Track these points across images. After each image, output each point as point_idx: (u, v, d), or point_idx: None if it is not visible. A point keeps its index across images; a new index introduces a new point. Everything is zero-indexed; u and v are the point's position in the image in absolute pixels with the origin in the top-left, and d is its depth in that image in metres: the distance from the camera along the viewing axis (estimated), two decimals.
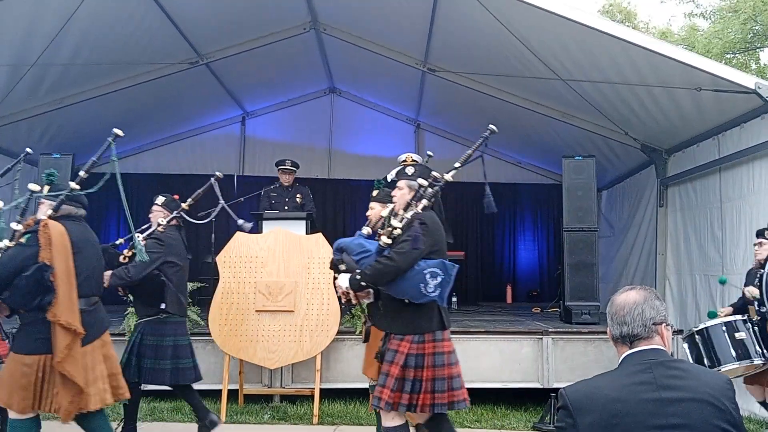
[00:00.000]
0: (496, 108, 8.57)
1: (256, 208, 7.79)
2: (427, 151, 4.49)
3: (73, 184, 3.94)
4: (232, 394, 6.10)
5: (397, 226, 3.68)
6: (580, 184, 7.27)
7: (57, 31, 6.19)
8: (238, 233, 6.24)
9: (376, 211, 4.39)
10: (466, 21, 6.72)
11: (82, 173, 4.03)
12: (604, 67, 6.42)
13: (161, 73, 8.04)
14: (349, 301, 3.90)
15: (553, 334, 6.45)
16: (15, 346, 3.79)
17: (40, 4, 6.00)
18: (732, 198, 6.29)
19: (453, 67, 7.97)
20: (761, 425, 5.37)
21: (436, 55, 7.89)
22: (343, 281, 3.73)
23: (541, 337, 6.44)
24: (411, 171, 3.97)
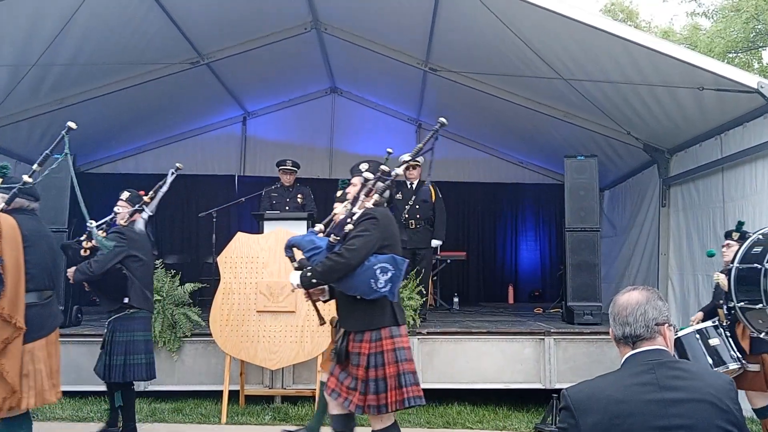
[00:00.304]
0: (498, 108, 8.56)
1: (257, 209, 7.78)
2: (387, 149, 4.43)
3: (26, 177, 3.91)
4: (233, 395, 6.10)
5: (345, 222, 3.69)
6: (583, 183, 7.25)
7: (58, 32, 6.18)
8: (239, 234, 6.23)
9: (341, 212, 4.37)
10: (467, 20, 6.70)
11: (35, 167, 4.02)
12: (606, 67, 6.40)
13: (162, 73, 8.03)
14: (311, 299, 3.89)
15: (555, 334, 6.44)
16: None
17: (41, 4, 5.99)
18: (734, 198, 6.27)
19: (454, 66, 7.95)
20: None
21: (437, 55, 7.88)
22: (294, 279, 3.73)
23: (543, 338, 6.42)
24: (365, 167, 3.94)
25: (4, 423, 3.70)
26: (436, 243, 7.71)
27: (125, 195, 5.12)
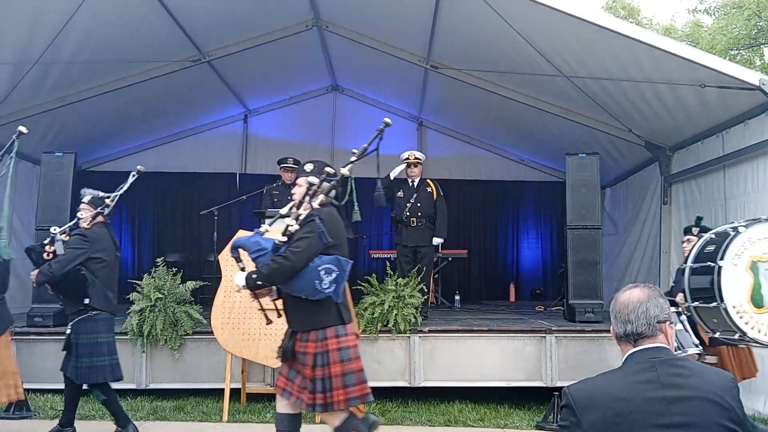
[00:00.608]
0: (499, 105, 8.55)
1: (258, 206, 7.78)
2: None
3: None
4: (235, 393, 6.10)
5: (291, 224, 3.70)
6: (584, 181, 7.24)
7: (59, 30, 6.18)
8: (241, 231, 6.22)
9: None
10: (468, 18, 6.69)
11: None
12: (607, 64, 6.39)
13: (163, 71, 8.03)
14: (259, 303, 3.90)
15: (557, 332, 6.43)
16: None
17: (42, 2, 5.99)
18: (736, 195, 6.26)
19: (456, 64, 7.95)
20: (766, 423, 5.34)
21: (438, 52, 7.87)
22: (239, 280, 3.73)
23: (544, 336, 6.42)
24: (309, 168, 3.94)
25: None
26: (437, 241, 7.71)
27: (87, 198, 5.12)
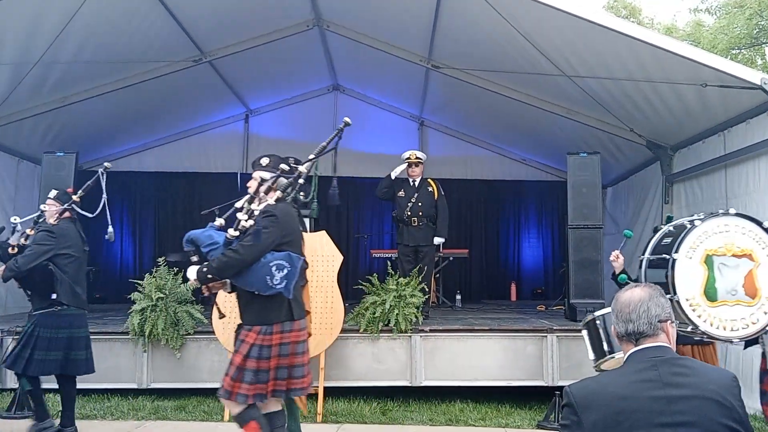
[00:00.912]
0: (500, 105, 8.55)
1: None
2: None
3: None
4: None
5: (242, 218, 3.71)
6: (585, 180, 7.24)
7: (60, 30, 6.19)
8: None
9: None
10: (469, 17, 6.69)
11: None
12: (608, 64, 6.38)
13: (164, 71, 8.03)
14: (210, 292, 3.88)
15: (558, 331, 6.43)
16: None
17: (43, 3, 6.00)
18: (737, 194, 6.25)
19: (457, 63, 7.94)
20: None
21: (439, 52, 7.87)
22: (191, 274, 3.73)
23: (545, 335, 6.42)
24: (265, 162, 3.95)
25: None
26: (438, 240, 7.71)
27: (53, 193, 5.15)
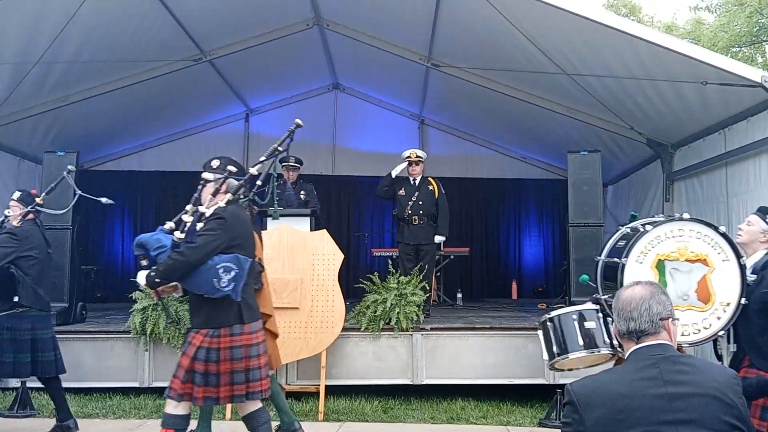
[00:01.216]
0: (501, 103, 8.54)
1: (260, 205, 7.77)
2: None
3: None
4: None
5: (187, 220, 3.71)
6: (586, 179, 7.23)
7: (60, 29, 6.18)
8: None
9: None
10: (469, 16, 6.69)
11: None
12: (609, 62, 6.38)
13: (164, 70, 8.03)
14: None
15: None
16: None
17: (43, 2, 5.99)
18: (738, 192, 6.25)
19: (457, 62, 7.94)
20: None
21: (440, 51, 7.87)
22: (140, 278, 3.73)
23: None
24: (216, 164, 3.92)
25: None
26: (439, 239, 7.72)
27: (16, 194, 5.15)
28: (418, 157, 7.68)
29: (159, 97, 8.87)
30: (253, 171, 3.92)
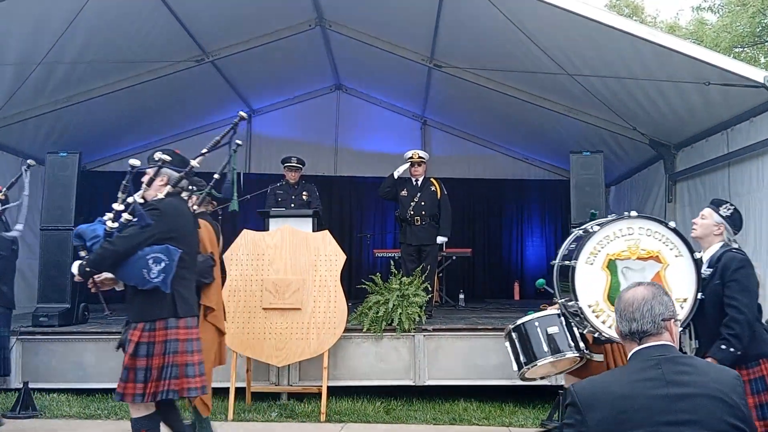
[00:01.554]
0: (503, 104, 8.54)
1: (262, 206, 7.78)
2: (237, 140, 4.38)
3: None
4: (240, 392, 6.10)
5: (118, 208, 3.68)
6: (588, 179, 7.22)
7: (63, 30, 6.20)
8: (245, 231, 6.24)
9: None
10: (472, 16, 6.69)
11: None
12: (611, 62, 6.38)
13: (167, 71, 8.05)
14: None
15: None
16: None
17: (47, 3, 6.01)
18: (740, 193, 6.24)
19: (459, 62, 7.94)
20: None
21: (442, 51, 7.87)
22: (74, 268, 3.70)
23: None
24: (157, 157, 3.88)
25: None
26: (441, 239, 7.71)
27: None
28: (420, 157, 7.68)
29: (161, 97, 8.88)
30: (194, 163, 3.86)
